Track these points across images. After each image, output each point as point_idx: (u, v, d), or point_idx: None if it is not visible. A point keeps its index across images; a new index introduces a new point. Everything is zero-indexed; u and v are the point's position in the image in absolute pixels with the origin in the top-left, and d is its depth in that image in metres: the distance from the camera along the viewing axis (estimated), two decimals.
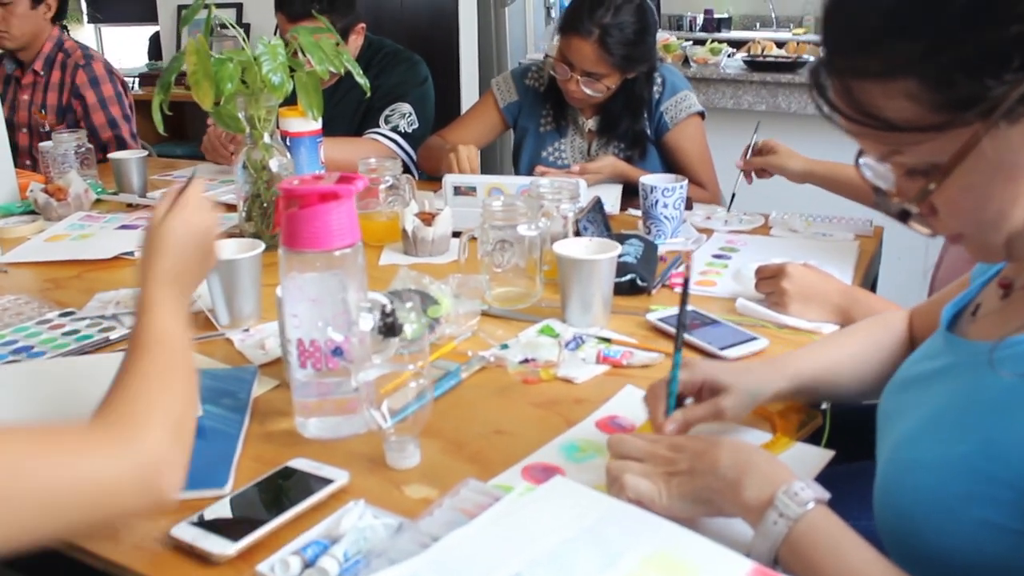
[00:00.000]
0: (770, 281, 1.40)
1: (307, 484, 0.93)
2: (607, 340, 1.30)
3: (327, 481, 0.93)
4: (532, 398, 1.15)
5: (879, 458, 0.86)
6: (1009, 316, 0.74)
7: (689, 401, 1.00)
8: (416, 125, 2.40)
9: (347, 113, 2.44)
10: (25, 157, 2.82)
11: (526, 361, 1.23)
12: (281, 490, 0.93)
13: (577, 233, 1.54)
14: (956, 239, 0.77)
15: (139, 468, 0.77)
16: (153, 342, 0.89)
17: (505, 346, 1.27)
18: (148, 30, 5.41)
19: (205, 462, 0.97)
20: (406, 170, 2.23)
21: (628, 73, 2.13)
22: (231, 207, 1.98)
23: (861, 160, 0.78)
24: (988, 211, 0.71)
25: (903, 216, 0.76)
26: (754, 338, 1.28)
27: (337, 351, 0.99)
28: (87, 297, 1.52)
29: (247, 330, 1.34)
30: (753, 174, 1.91)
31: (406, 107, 2.40)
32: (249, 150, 1.69)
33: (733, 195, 1.91)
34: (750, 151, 1.90)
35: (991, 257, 0.78)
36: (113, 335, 1.34)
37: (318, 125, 1.85)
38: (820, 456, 0.98)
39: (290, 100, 1.69)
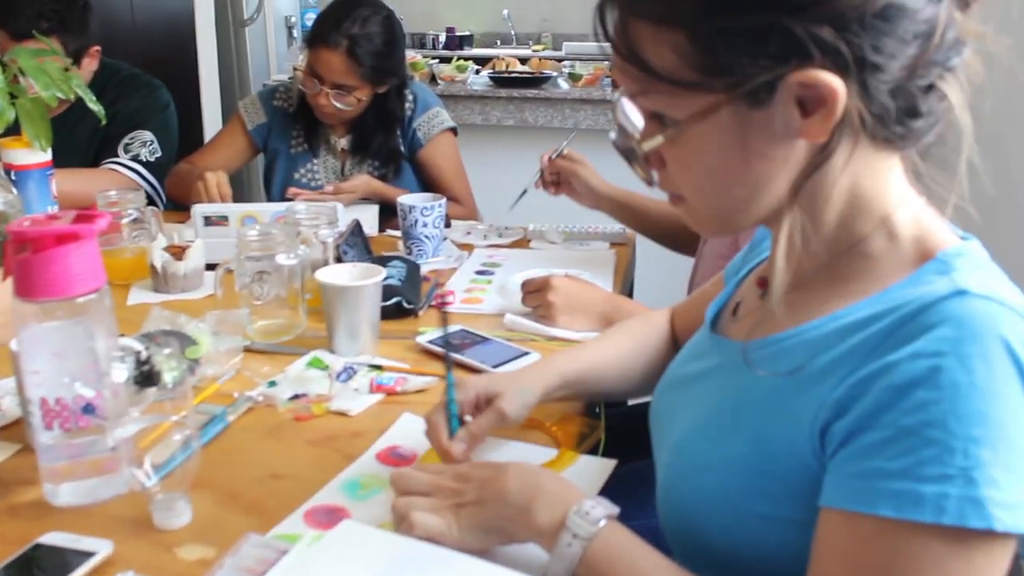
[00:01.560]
0: (536, 295, 1.42)
1: (64, 561, 0.84)
2: (379, 367, 1.27)
3: (87, 555, 0.84)
4: (307, 436, 1.10)
5: (658, 461, 0.89)
6: (766, 315, 0.78)
7: (469, 419, 0.99)
8: (159, 153, 2.26)
9: (81, 142, 2.26)
10: None
11: (296, 397, 1.18)
12: (38, 571, 0.83)
13: (338, 259, 1.51)
14: (676, 201, 0.80)
15: None
16: None
17: (273, 383, 1.21)
18: None
19: None
20: (151, 202, 2.09)
21: (378, 86, 2.13)
22: None
23: (616, 95, 0.80)
24: (713, 183, 0.74)
25: (628, 154, 0.78)
26: (526, 353, 1.30)
27: (88, 408, 0.90)
28: None
29: None
30: (551, 188, 1.83)
31: (147, 134, 2.26)
32: None
33: (524, 191, 1.84)
34: (557, 154, 1.82)
35: (703, 227, 0.81)
36: None
37: (47, 156, 1.70)
38: (603, 467, 1.00)
39: (13, 130, 1.54)
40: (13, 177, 1.65)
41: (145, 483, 0.90)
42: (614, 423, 1.13)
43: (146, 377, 0.90)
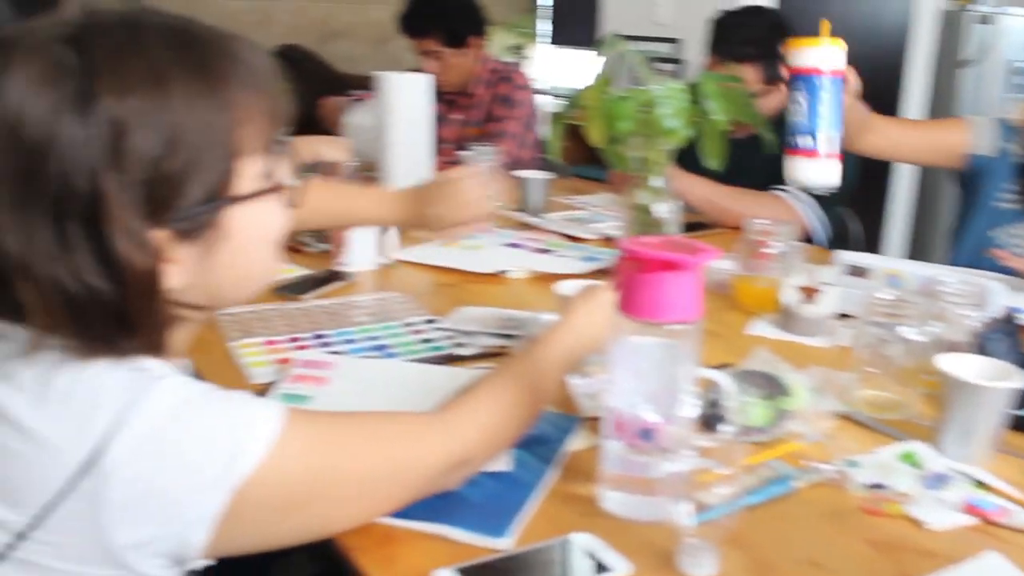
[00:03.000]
0: None
1: (583, 566, 0.86)
2: (982, 484, 1.08)
3: (605, 569, 0.86)
4: (868, 533, 0.98)
5: None
6: None
7: None
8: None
9: (756, 164, 2.33)
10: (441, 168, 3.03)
11: (874, 487, 1.06)
12: (557, 565, 0.87)
13: (980, 349, 1.32)
14: None
15: (446, 455, 0.92)
16: (517, 377, 1.03)
17: (854, 463, 1.11)
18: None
19: (493, 508, 0.95)
20: (807, 237, 2.07)
21: None
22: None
23: None
24: None
25: None
26: None
27: (646, 433, 0.91)
28: (456, 307, 1.58)
29: (587, 376, 1.30)
30: None
31: None
32: (637, 191, 1.66)
33: None
34: None
35: None
36: (462, 352, 1.36)
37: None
38: None
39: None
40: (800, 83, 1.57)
41: (682, 522, 0.88)
42: None
43: (709, 421, 0.87)
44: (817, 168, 1.52)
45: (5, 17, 2.08)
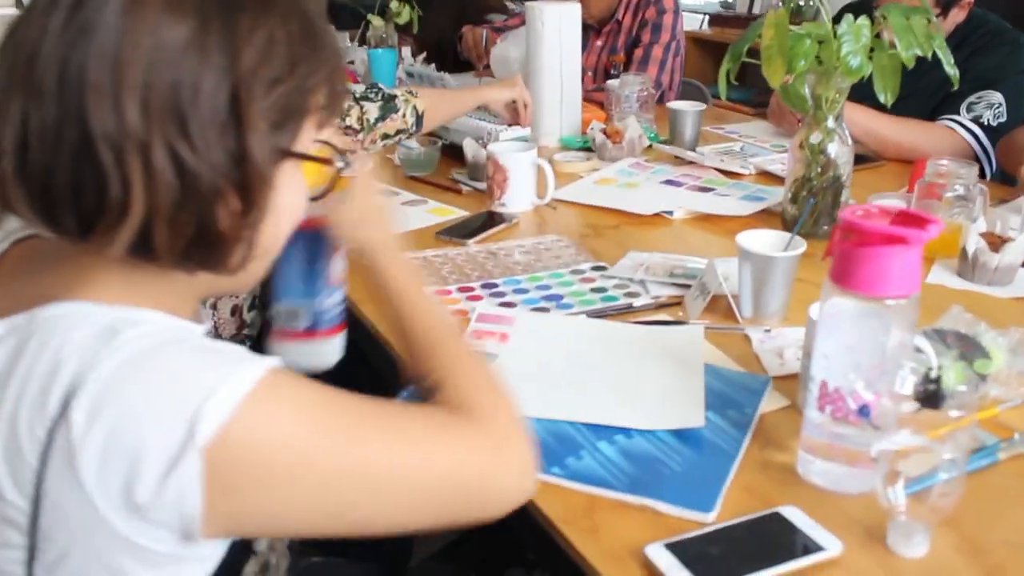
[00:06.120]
0: None
1: (793, 543, 0.85)
2: None
3: (816, 547, 0.84)
4: None
5: None
6: None
7: None
8: (1003, 118, 2.09)
9: (924, 91, 2.20)
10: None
11: None
12: (766, 541, 0.86)
13: None
14: None
15: (519, 474, 0.83)
16: (449, 326, 0.97)
17: None
18: None
19: (696, 478, 0.94)
20: (981, 174, 1.96)
21: None
22: (777, 178, 1.91)
23: None
24: None
25: None
26: None
27: (864, 410, 0.89)
28: (620, 251, 1.56)
29: (768, 330, 1.27)
30: None
31: (996, 96, 2.10)
32: (809, 130, 1.59)
33: None
34: None
35: None
36: (636, 302, 1.35)
37: None
38: None
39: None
40: None
41: (891, 500, 0.86)
42: None
43: (930, 397, 0.84)
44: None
45: None
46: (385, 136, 1.78)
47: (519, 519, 0.90)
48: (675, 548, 0.84)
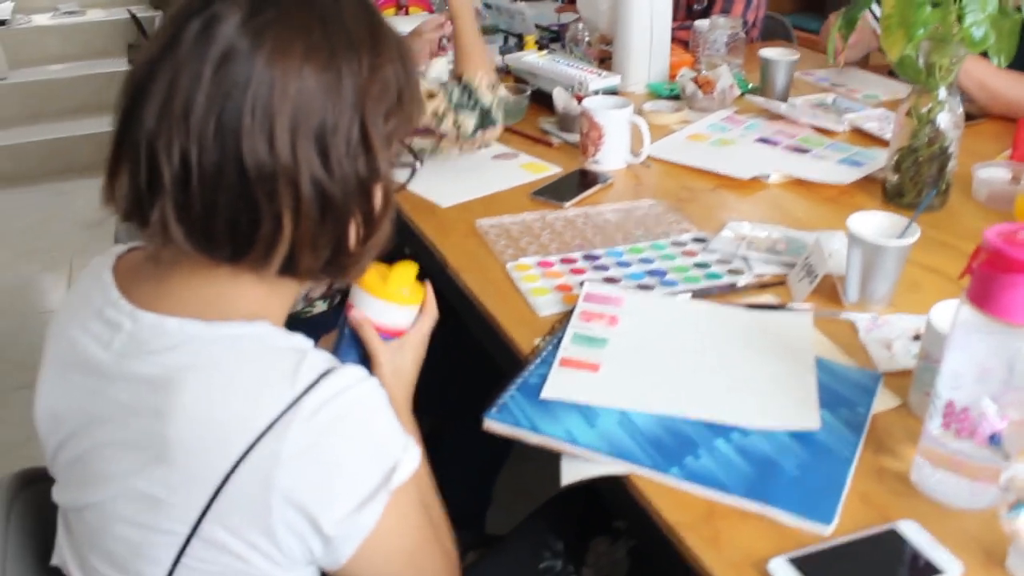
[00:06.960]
0: None
1: (911, 564, 0.86)
2: None
3: (934, 570, 0.85)
4: None
5: None
6: None
7: None
8: None
9: None
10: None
11: None
12: (887, 559, 0.87)
13: None
14: None
15: None
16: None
17: None
18: None
19: (813, 484, 0.95)
20: None
21: None
22: (874, 138, 1.87)
23: None
24: None
25: None
26: None
27: (994, 438, 0.88)
28: (717, 217, 1.55)
29: (875, 317, 1.26)
30: None
31: None
32: (919, 98, 1.54)
33: None
34: None
35: None
36: (740, 281, 1.34)
37: None
38: None
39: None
40: None
41: (1016, 525, 0.86)
42: None
43: None
44: None
45: None
46: (483, 145, 1.73)
47: (609, 489, 0.95)
48: (798, 563, 0.85)
